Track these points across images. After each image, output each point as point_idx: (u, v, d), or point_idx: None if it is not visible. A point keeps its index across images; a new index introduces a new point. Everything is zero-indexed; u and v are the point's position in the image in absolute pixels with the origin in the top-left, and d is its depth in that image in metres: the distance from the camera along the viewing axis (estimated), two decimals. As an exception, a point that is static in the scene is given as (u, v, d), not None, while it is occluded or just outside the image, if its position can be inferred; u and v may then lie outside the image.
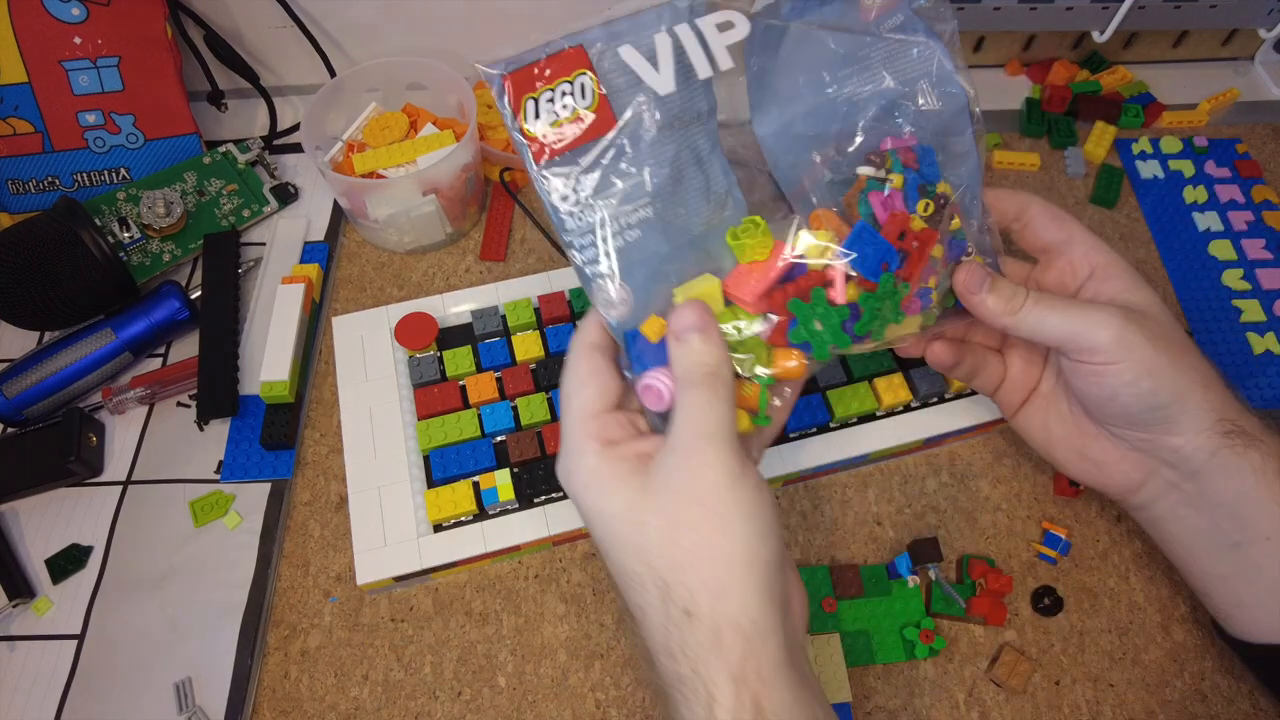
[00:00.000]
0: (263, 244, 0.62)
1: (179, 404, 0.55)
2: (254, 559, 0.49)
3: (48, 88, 0.59)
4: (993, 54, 0.71)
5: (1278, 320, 0.57)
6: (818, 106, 0.39)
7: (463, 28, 0.66)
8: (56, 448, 0.50)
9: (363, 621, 0.47)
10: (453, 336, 0.54)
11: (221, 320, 0.55)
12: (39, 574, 0.49)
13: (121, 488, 0.52)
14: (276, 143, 0.67)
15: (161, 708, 0.44)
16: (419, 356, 0.53)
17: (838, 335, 0.36)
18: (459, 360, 0.52)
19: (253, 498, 0.51)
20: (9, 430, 0.53)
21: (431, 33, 0.66)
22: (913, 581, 0.46)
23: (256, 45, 0.67)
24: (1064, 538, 0.48)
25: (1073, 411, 0.43)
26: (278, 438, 0.52)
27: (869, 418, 0.51)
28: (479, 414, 0.50)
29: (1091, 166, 0.65)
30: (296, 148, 0.66)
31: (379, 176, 0.58)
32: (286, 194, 0.63)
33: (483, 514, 0.48)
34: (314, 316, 0.57)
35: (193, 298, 0.56)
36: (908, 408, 0.51)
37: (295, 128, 0.67)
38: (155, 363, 0.57)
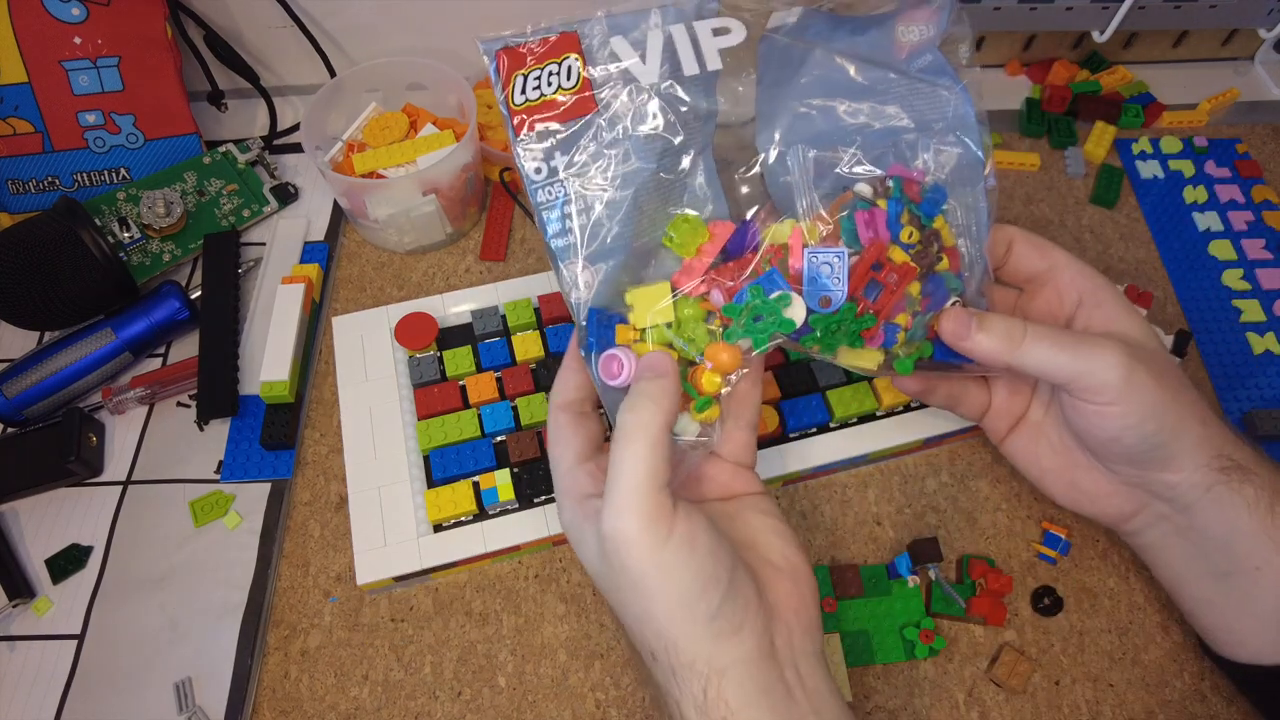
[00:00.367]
0: (263, 244, 0.62)
1: (179, 404, 0.55)
2: (254, 559, 0.49)
3: (48, 88, 0.59)
4: (993, 54, 0.71)
5: (1278, 320, 0.57)
6: (829, 130, 0.38)
7: (463, 28, 0.66)
8: (56, 448, 0.50)
9: (363, 621, 0.47)
10: (453, 336, 0.54)
11: (221, 320, 0.55)
12: (39, 574, 0.49)
13: (121, 488, 0.52)
14: (276, 143, 0.67)
15: (161, 708, 0.44)
16: (419, 356, 0.53)
17: (781, 325, 0.36)
18: (459, 360, 0.52)
19: (253, 498, 0.51)
20: (9, 430, 0.53)
21: (431, 33, 0.66)
22: (913, 581, 0.46)
23: (256, 45, 0.67)
24: (1064, 538, 0.48)
25: (1064, 442, 0.43)
26: (278, 438, 0.52)
27: (869, 418, 0.51)
28: (479, 414, 0.50)
29: (1091, 166, 0.65)
30: (296, 148, 0.66)
31: (379, 176, 0.58)
32: (286, 194, 0.63)
33: (483, 514, 0.48)
34: (314, 316, 0.58)
35: (193, 298, 0.56)
36: (908, 408, 0.51)
37: (295, 128, 0.67)
38: (155, 363, 0.57)
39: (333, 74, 0.67)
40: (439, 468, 0.49)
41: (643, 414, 0.33)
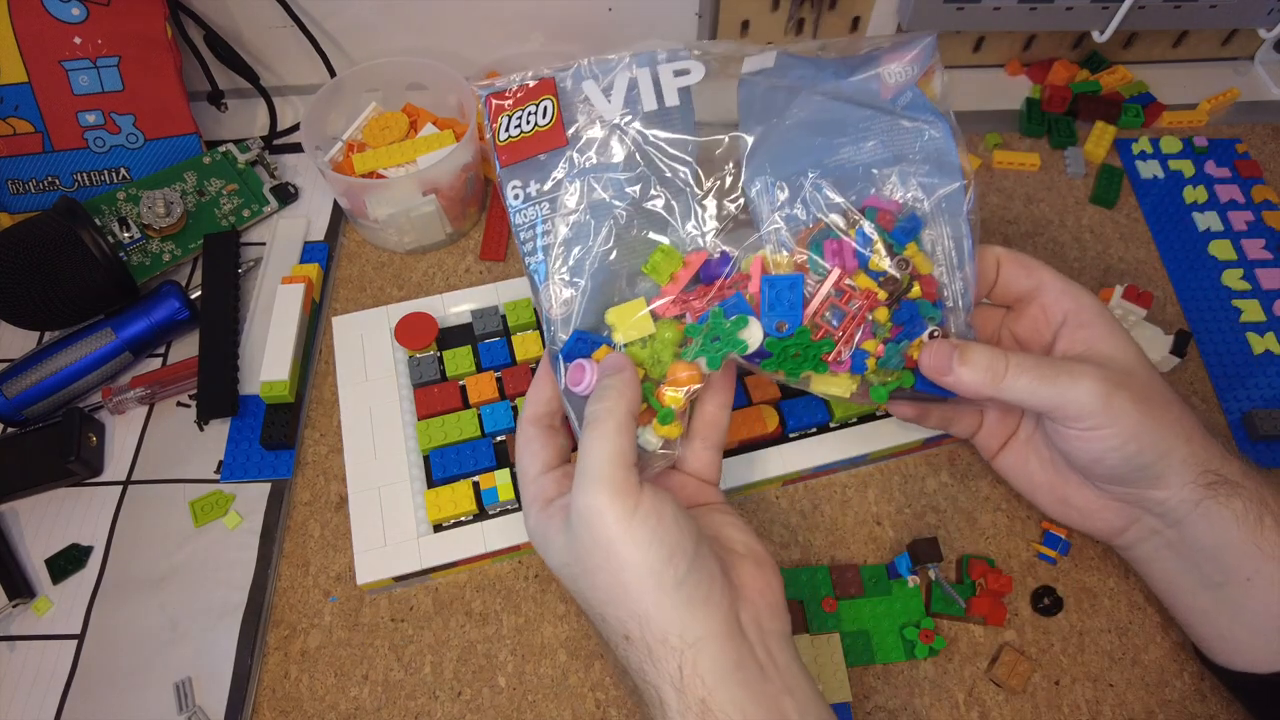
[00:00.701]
0: (263, 244, 0.62)
1: (179, 404, 0.55)
2: (254, 559, 0.49)
3: (48, 88, 0.59)
4: (993, 54, 0.71)
5: (1278, 320, 0.57)
6: (813, 166, 0.40)
7: (463, 28, 0.66)
8: (56, 448, 0.50)
9: (363, 621, 0.47)
10: (453, 336, 0.54)
11: (221, 320, 0.55)
12: (39, 574, 0.49)
13: (121, 488, 0.52)
14: (276, 143, 0.67)
15: (161, 708, 0.45)
16: (419, 356, 0.53)
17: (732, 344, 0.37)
18: (459, 360, 0.52)
19: (253, 498, 0.51)
20: (9, 430, 0.53)
21: (431, 33, 0.66)
22: (913, 581, 0.46)
23: (256, 45, 0.67)
24: (1064, 538, 0.48)
25: (1054, 460, 0.43)
26: (278, 438, 0.52)
27: (869, 418, 0.51)
28: (479, 414, 0.50)
29: (1091, 166, 0.65)
30: (296, 148, 0.66)
31: (379, 176, 0.58)
32: (286, 194, 0.63)
33: (483, 514, 0.48)
34: (314, 316, 0.58)
35: (193, 298, 0.56)
36: (908, 408, 0.51)
37: (295, 128, 0.67)
38: (155, 363, 0.57)
39: (333, 74, 0.67)
40: (439, 468, 0.49)
41: (607, 402, 0.36)
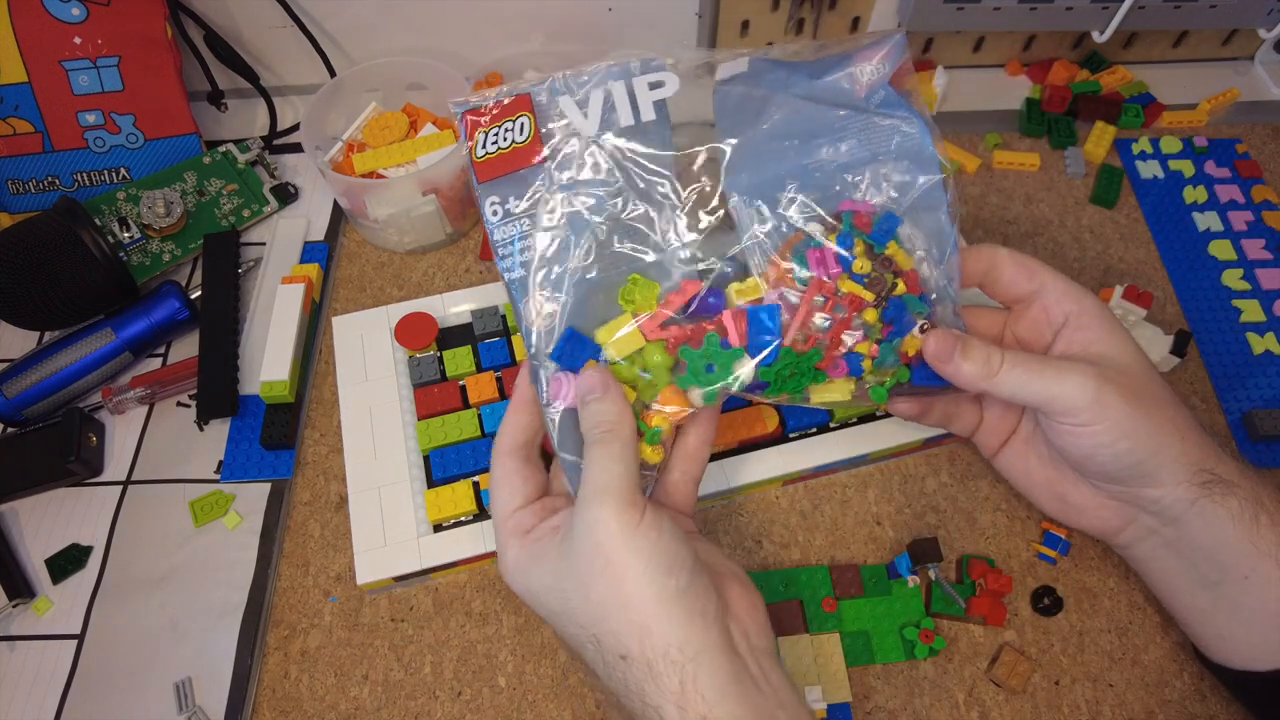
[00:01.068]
0: (263, 244, 0.62)
1: (179, 404, 0.55)
2: (254, 559, 0.49)
3: (48, 88, 0.59)
4: (993, 54, 0.71)
5: (1278, 320, 0.57)
6: (790, 171, 0.40)
7: (463, 28, 0.66)
8: (56, 448, 0.50)
9: (363, 621, 0.47)
10: (453, 336, 0.54)
11: (221, 320, 0.55)
12: (39, 574, 0.49)
13: (121, 488, 0.52)
14: (276, 143, 0.67)
15: (161, 708, 0.45)
16: (419, 356, 0.53)
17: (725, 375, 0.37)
18: (459, 360, 0.52)
19: (253, 498, 0.51)
20: (9, 430, 0.53)
21: (431, 33, 0.66)
22: (913, 581, 0.46)
23: (256, 45, 0.67)
24: (1064, 538, 0.48)
25: (1052, 457, 0.44)
26: (278, 438, 0.52)
27: (869, 418, 0.51)
28: (479, 414, 0.50)
29: (1091, 166, 0.66)
30: (296, 148, 0.66)
31: (379, 176, 0.59)
32: (286, 194, 0.63)
33: (483, 514, 0.48)
34: (314, 316, 0.58)
35: (193, 298, 0.56)
36: (908, 408, 0.51)
37: (295, 128, 0.67)
38: (155, 363, 0.57)
39: (333, 74, 0.67)
40: (439, 467, 0.49)
41: (610, 419, 0.36)
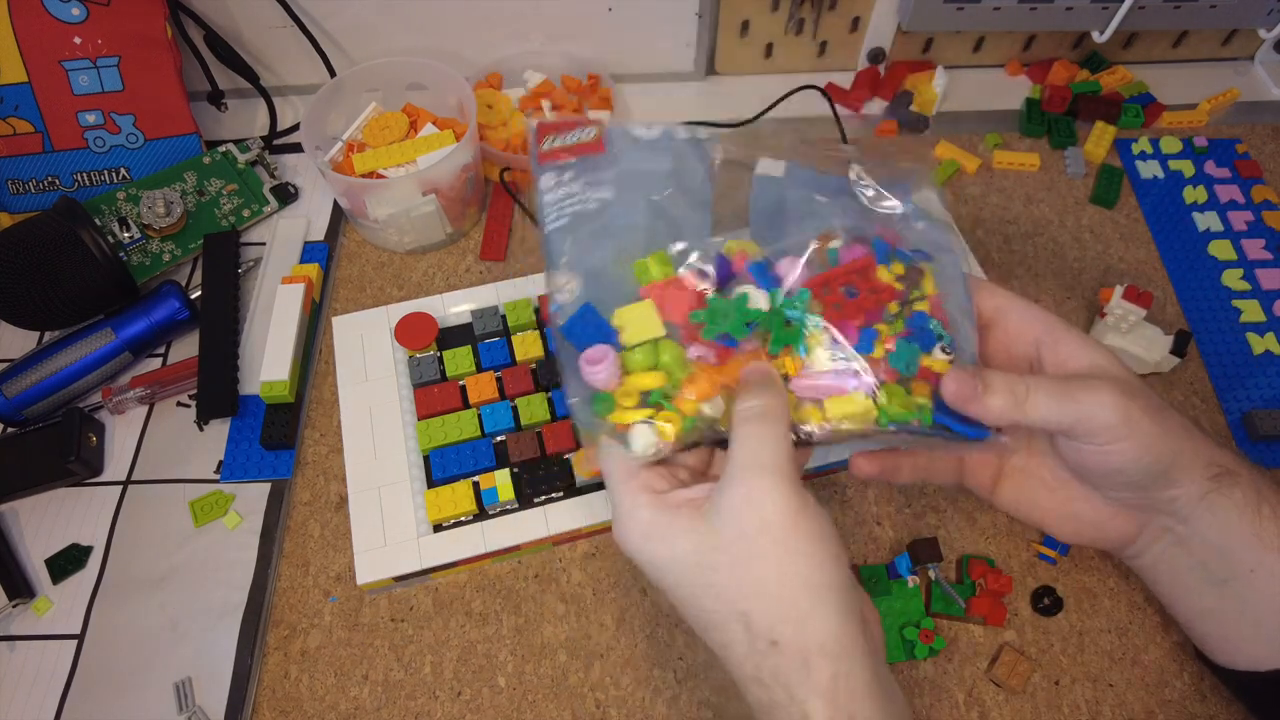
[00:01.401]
0: (263, 244, 0.62)
1: (179, 404, 0.55)
2: (254, 559, 0.49)
3: (48, 88, 0.59)
4: (993, 54, 0.71)
5: (1278, 320, 0.57)
6: (815, 226, 0.41)
7: (463, 28, 0.66)
8: (56, 448, 0.50)
9: (363, 621, 0.47)
10: (453, 336, 0.54)
11: (221, 320, 0.55)
12: (39, 574, 0.49)
13: (121, 488, 0.52)
14: (276, 143, 0.67)
15: (161, 708, 0.44)
16: (419, 356, 0.53)
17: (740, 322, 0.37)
18: (459, 360, 0.52)
19: (253, 498, 0.51)
20: (9, 430, 0.53)
21: (431, 33, 0.66)
22: (913, 581, 0.46)
23: (256, 45, 0.67)
24: (1064, 538, 0.48)
25: (1057, 478, 0.43)
26: (278, 438, 0.52)
27: (869, 418, 0.51)
28: (479, 414, 0.50)
29: (1091, 166, 0.66)
30: (296, 148, 0.66)
31: (379, 176, 0.58)
32: (286, 194, 0.63)
33: (483, 514, 0.48)
34: (314, 316, 0.58)
35: (193, 298, 0.56)
36: (908, 408, 0.51)
37: (295, 128, 0.67)
38: (155, 363, 0.57)
39: (333, 74, 0.67)
40: (439, 468, 0.49)
41: (769, 399, 0.34)
